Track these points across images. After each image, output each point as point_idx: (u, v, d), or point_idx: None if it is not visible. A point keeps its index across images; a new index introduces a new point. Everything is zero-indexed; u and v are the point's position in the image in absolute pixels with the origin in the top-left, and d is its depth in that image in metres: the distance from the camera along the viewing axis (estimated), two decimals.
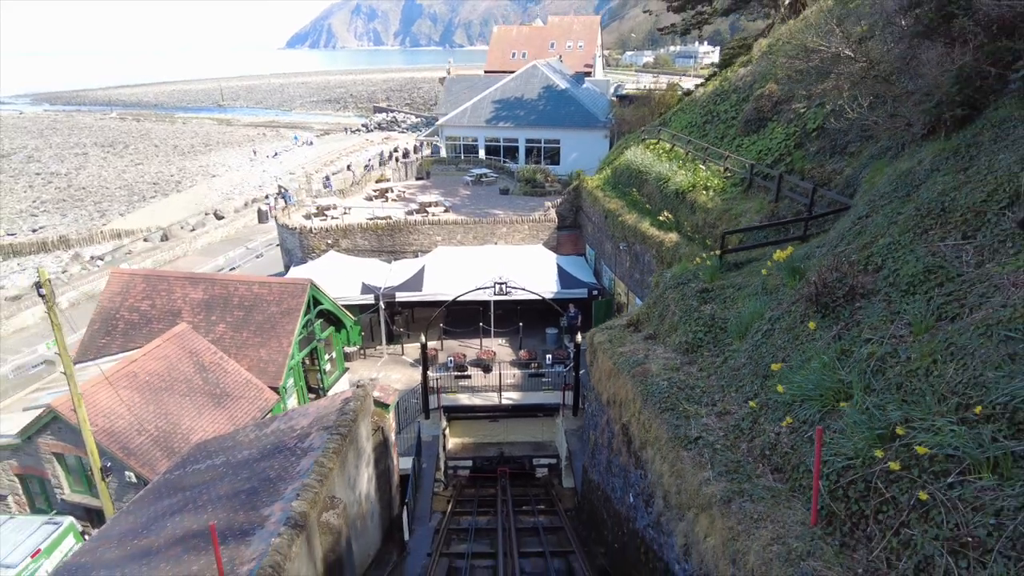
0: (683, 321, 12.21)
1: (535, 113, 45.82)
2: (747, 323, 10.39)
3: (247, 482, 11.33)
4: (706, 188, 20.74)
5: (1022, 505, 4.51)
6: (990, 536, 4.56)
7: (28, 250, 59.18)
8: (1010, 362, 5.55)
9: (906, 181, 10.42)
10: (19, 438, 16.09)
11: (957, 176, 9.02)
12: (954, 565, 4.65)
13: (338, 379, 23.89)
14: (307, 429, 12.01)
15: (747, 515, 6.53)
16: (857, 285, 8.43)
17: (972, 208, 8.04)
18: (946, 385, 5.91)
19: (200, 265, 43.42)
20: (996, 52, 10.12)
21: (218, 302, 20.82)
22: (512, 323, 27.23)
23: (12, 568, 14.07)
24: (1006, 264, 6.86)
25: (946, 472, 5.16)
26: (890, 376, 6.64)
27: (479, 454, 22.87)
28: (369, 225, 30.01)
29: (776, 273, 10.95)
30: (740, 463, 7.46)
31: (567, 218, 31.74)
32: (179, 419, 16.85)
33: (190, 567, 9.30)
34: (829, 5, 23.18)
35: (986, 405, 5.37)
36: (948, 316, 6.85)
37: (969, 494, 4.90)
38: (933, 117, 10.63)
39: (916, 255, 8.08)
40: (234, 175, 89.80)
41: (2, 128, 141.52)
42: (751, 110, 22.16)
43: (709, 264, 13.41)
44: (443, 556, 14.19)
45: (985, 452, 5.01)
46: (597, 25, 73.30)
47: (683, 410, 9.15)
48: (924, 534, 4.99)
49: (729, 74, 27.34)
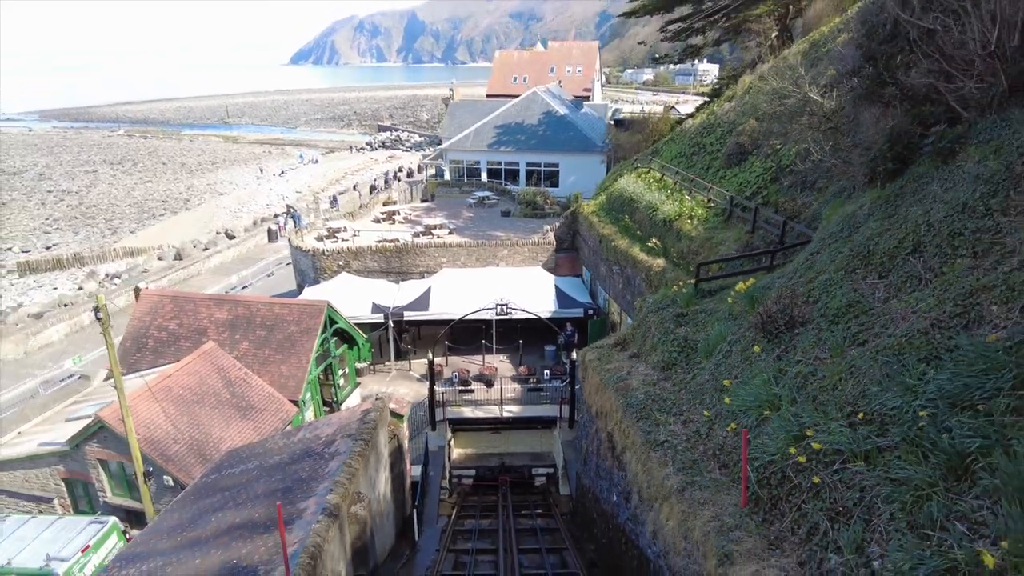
0: (661, 342, 13.98)
1: (535, 138, 47.87)
2: (713, 345, 12.16)
3: (281, 482, 13.06)
4: (691, 217, 22.57)
5: (876, 483, 6.26)
6: (855, 506, 6.31)
7: (44, 267, 60.98)
8: (886, 380, 7.32)
9: (849, 223, 12.22)
10: (68, 446, 17.82)
11: (883, 223, 10.81)
12: (830, 527, 6.40)
13: (350, 393, 25.63)
14: (332, 436, 13.75)
15: (695, 501, 8.27)
16: (797, 315, 10.21)
17: (887, 252, 9.83)
18: (844, 397, 7.68)
19: (214, 284, 45.27)
20: (920, 116, 11.94)
21: (242, 322, 22.63)
22: (513, 340, 28.95)
23: (66, 561, 15.76)
24: (903, 301, 8.63)
25: (833, 462, 6.91)
26: (809, 390, 8.41)
27: (482, 464, 24.49)
28: (378, 247, 31.88)
29: (739, 302, 12.72)
30: (696, 461, 9.20)
31: (565, 241, 33.57)
32: (210, 429, 18.58)
33: (239, 551, 11.02)
34: (804, 48, 25.14)
35: (866, 412, 7.13)
36: (857, 342, 8.62)
37: (846, 477, 6.65)
38: (871, 169, 12.43)
39: (843, 290, 9.87)
40: (241, 193, 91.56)
41: (13, 145, 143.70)
42: (733, 144, 24.04)
43: (685, 292, 15.19)
44: (450, 552, 15.89)
45: (860, 447, 6.77)
46: (595, 50, 75.74)
47: (655, 419, 10.90)
48: (814, 508, 6.74)
49: (716, 108, 29.28)
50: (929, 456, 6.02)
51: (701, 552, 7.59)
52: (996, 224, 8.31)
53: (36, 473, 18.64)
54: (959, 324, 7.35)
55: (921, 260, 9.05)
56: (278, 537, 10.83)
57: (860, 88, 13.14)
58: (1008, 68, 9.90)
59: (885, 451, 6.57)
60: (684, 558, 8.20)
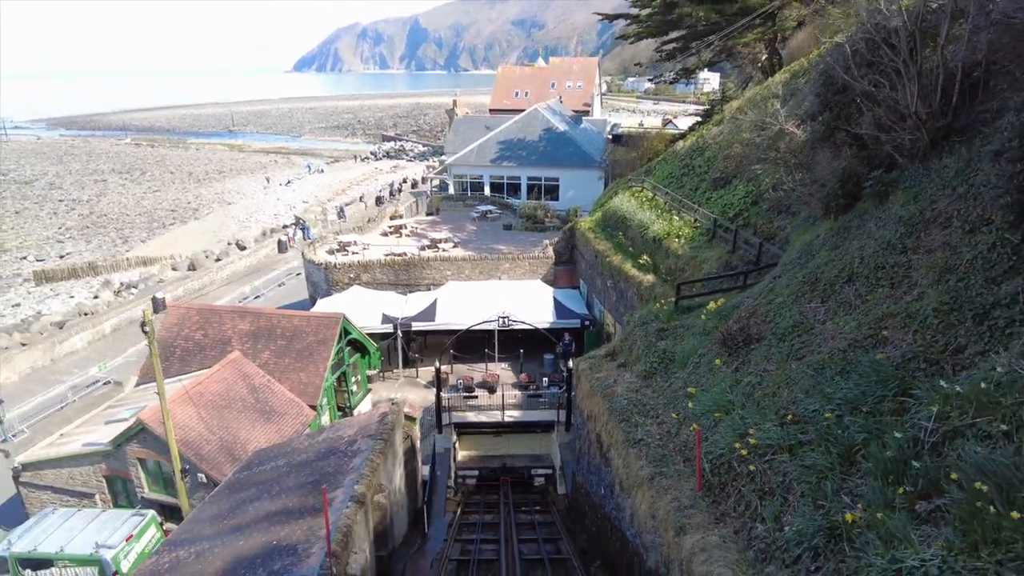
0: (644, 353, 15.82)
1: (536, 153, 49.82)
2: (687, 357, 13.99)
3: (310, 476, 14.89)
4: (678, 236, 24.41)
5: (794, 469, 8.09)
6: (778, 487, 8.14)
7: (59, 276, 62.73)
8: (812, 389, 9.16)
9: (807, 251, 14.06)
10: (110, 446, 19.65)
11: (830, 253, 12.64)
12: (759, 504, 8.23)
13: (362, 399, 27.45)
14: (354, 437, 15.58)
15: (662, 487, 10.09)
16: (754, 333, 12.05)
17: (830, 280, 11.66)
18: (779, 403, 9.52)
19: (228, 294, 47.15)
20: (867, 159, 13.77)
21: (263, 332, 24.47)
22: (514, 349, 30.75)
23: (112, 549, 17.58)
24: (835, 323, 10.46)
25: (765, 454, 8.74)
26: (755, 397, 10.25)
27: (484, 465, 26.26)
28: (387, 261, 33.77)
29: (711, 319, 14.55)
30: (665, 455, 11.02)
31: (563, 254, 35.41)
32: (238, 431, 20.41)
33: (278, 534, 12.83)
34: (786, 78, 27.02)
35: (794, 415, 8.97)
36: (797, 357, 10.45)
37: (774, 465, 8.48)
38: (825, 203, 14.27)
39: (791, 312, 11.71)
40: (249, 202, 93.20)
41: (23, 154, 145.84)
42: (718, 168, 25.91)
43: (666, 309, 17.02)
44: (457, 541, 17.70)
45: (786, 442, 8.60)
46: (595, 66, 77.89)
47: (635, 421, 12.73)
48: (749, 489, 8.57)
49: (705, 131, 31.15)
50: (831, 447, 7.86)
51: (663, 527, 9.41)
52: (908, 260, 10.14)
53: (80, 471, 20.46)
54: (869, 344, 9.19)
55: (853, 288, 10.89)
56: (312, 522, 12.67)
57: (818, 132, 15.00)
58: (929, 125, 11.73)
59: (803, 445, 8.41)
60: (652, 534, 10.03)
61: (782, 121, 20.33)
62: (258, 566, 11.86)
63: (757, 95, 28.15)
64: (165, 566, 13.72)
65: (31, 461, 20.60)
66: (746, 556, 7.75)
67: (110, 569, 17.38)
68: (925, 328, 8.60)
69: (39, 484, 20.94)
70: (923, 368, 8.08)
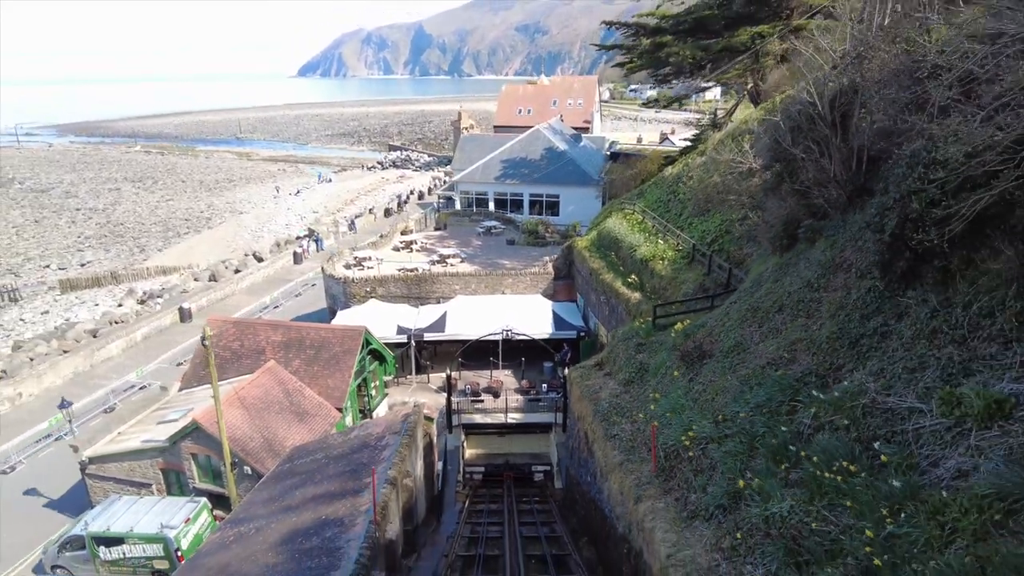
0: (625, 364, 18.90)
1: (538, 172, 53.03)
2: (657, 368, 17.06)
3: (347, 467, 17.98)
4: (662, 259, 27.49)
5: (720, 455, 11.15)
6: (708, 468, 11.21)
7: (83, 284, 65.70)
8: (738, 396, 12.23)
9: (757, 281, 17.13)
10: (168, 442, 22.76)
11: (771, 286, 15.71)
12: (694, 480, 11.30)
13: (380, 402, 30.56)
14: (382, 434, 18.68)
15: (628, 470, 13.16)
16: (706, 350, 15.12)
17: (766, 309, 14.72)
18: (715, 406, 12.59)
19: (248, 304, 50.25)
20: (807, 206, 16.84)
21: (294, 343, 27.60)
22: (516, 358, 33.82)
23: (174, 529, 20.69)
24: (764, 345, 13.52)
25: (702, 444, 11.81)
26: (700, 401, 13.33)
27: (490, 462, 29.29)
28: (400, 276, 36.90)
29: (678, 337, 17.62)
30: (633, 447, 14.10)
31: (562, 270, 38.49)
32: (276, 430, 23.50)
33: (325, 511, 15.90)
34: (760, 115, 30.08)
35: (724, 415, 12.05)
36: (732, 371, 13.52)
37: (707, 452, 11.54)
38: (772, 242, 17.33)
39: (735, 334, 14.79)
40: (260, 212, 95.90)
41: (37, 162, 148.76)
42: (699, 197, 28.99)
43: (644, 326, 20.10)
44: (467, 524, 20.76)
45: (716, 435, 11.67)
46: (595, 84, 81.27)
47: (612, 420, 15.81)
48: (688, 470, 11.64)
49: (689, 161, 34.25)
50: (743, 439, 10.94)
51: (627, 499, 12.49)
52: (819, 297, 13.20)
53: (140, 464, 23.56)
54: (782, 362, 12.27)
55: (781, 317, 13.96)
56: (353, 501, 15.76)
57: (769, 182, 18.09)
58: (847, 186, 14.80)
59: (727, 437, 11.48)
60: (620, 506, 13.10)
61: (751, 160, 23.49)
62: (312, 535, 14.95)
63: (736, 130, 31.24)
64: (230, 538, 16.81)
65: (97, 455, 23.74)
66: (681, 515, 10.81)
67: (173, 546, 20.50)
68: (820, 351, 11.67)
69: (103, 475, 24.07)
70: (813, 381, 11.14)
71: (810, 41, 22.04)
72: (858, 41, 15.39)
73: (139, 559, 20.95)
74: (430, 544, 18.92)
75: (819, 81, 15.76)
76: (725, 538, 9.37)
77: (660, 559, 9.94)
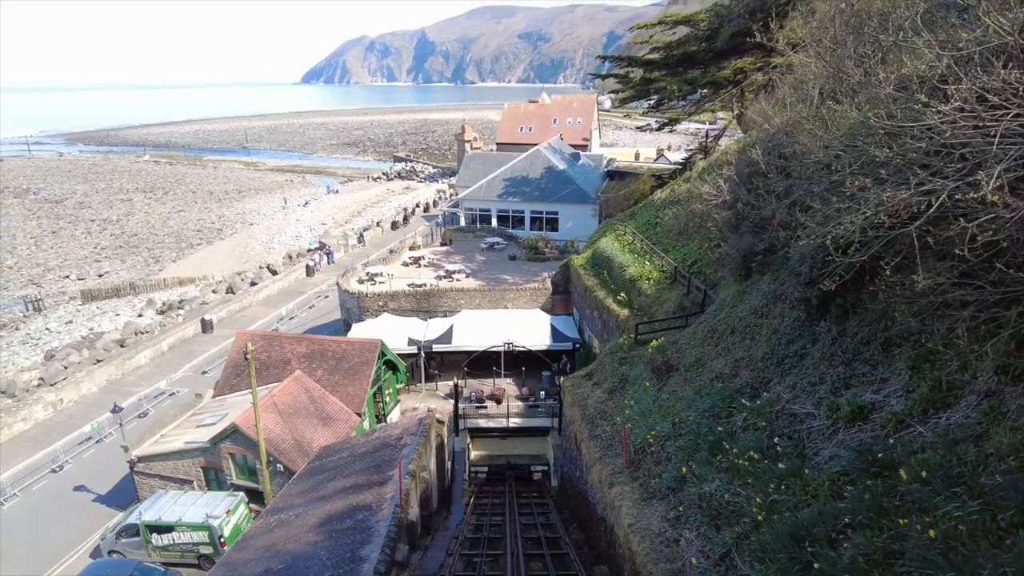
0: (610, 375, 21.94)
1: (538, 190, 56.22)
2: (636, 379, 20.10)
3: (371, 463, 21.03)
4: (648, 278, 30.52)
5: (674, 450, 14.19)
6: (665, 459, 14.25)
7: (104, 295, 68.67)
8: (692, 403, 15.27)
9: (721, 305, 20.19)
10: (210, 443, 25.83)
11: (729, 311, 18.74)
12: (654, 468, 14.34)
13: (393, 408, 33.61)
14: (400, 435, 21.74)
15: (605, 463, 16.20)
16: (673, 364, 18.17)
17: (721, 331, 17.76)
18: (674, 411, 15.63)
19: (265, 315, 53.37)
20: (762, 241, 19.88)
21: (317, 354, 30.68)
22: (517, 367, 36.87)
23: (216, 519, 23.74)
24: (718, 361, 16.54)
25: (662, 441, 14.84)
26: (664, 407, 16.37)
27: (493, 463, 32.28)
28: (410, 291, 40.00)
29: (654, 352, 20.67)
30: (610, 444, 17.12)
31: (559, 285, 41.55)
32: (303, 432, 26.55)
33: (354, 500, 18.94)
34: (739, 147, 33.14)
35: (680, 419, 15.09)
36: (690, 383, 16.56)
37: (666, 448, 14.58)
38: (733, 271, 20.37)
39: (696, 351, 17.83)
40: (269, 223, 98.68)
41: (49, 172, 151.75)
42: (682, 222, 32.04)
43: (627, 342, 23.14)
44: (473, 513, 23.80)
45: (673, 434, 14.71)
46: (593, 103, 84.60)
47: (596, 423, 18.85)
48: (651, 461, 14.68)
49: (676, 187, 37.35)
50: (691, 437, 13.97)
51: (604, 486, 15.52)
52: (761, 323, 16.24)
53: (183, 463, 26.62)
54: (727, 376, 15.31)
55: (733, 338, 17.00)
56: (378, 491, 18.79)
57: (730, 219, 21.15)
58: (788, 227, 17.84)
59: (680, 436, 14.52)
60: (598, 492, 16.15)
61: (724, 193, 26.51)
62: (345, 518, 18.00)
63: (717, 160, 34.32)
64: (273, 523, 19.87)
65: (145, 455, 26.81)
66: (643, 496, 13.84)
67: (216, 533, 23.56)
68: (755, 368, 14.72)
69: (149, 472, 27.14)
70: (747, 392, 14.17)
71: (785, 77, 25.20)
72: (790, 116, 18.45)
73: (187, 545, 24.02)
74: (442, 529, 21.97)
75: (764, 139, 18.82)
76: (671, 511, 12.40)
77: (624, 528, 12.98)
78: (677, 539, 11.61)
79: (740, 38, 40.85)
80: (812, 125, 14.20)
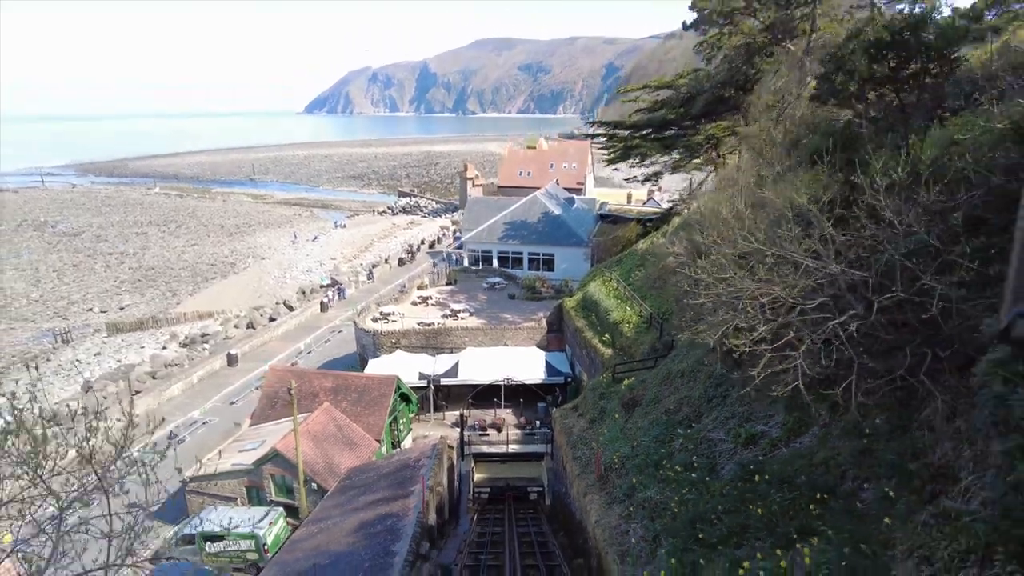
0: (591, 408, 26.62)
1: (535, 233, 61.32)
2: (610, 411, 24.77)
3: (395, 480, 25.60)
4: (628, 322, 35.27)
5: (633, 464, 18.84)
6: (625, 475, 18.90)
7: (128, 328, 72.78)
8: (648, 430, 19.97)
9: (679, 352, 24.92)
10: (254, 465, 30.39)
11: (684, 357, 23.45)
12: (618, 481, 18.99)
13: (406, 435, 38.17)
14: (418, 457, 26.33)
15: (583, 478, 20.82)
16: (638, 400, 22.86)
17: (676, 374, 22.47)
18: (635, 437, 20.32)
19: (284, 349, 57.88)
20: None
21: (341, 388, 35.34)
22: (516, 399, 41.47)
23: (261, 529, 28.21)
24: (670, 397, 21.23)
25: (623, 460, 19.49)
26: (628, 434, 21.06)
27: (494, 484, 36.63)
28: (420, 330, 44.76)
29: (625, 390, 25.35)
30: (587, 463, 21.74)
31: (554, 324, 46.30)
32: (332, 456, 31.11)
33: (382, 510, 23.48)
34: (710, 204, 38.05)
35: (637, 442, 19.76)
36: (648, 416, 21.25)
37: (625, 464, 19.24)
38: (687, 324, 25.07)
39: (656, 391, 22.55)
40: (280, 258, 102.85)
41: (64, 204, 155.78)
42: (657, 274, 36.88)
43: (606, 380, 27.83)
44: (478, 524, 28.31)
45: (631, 455, 19.37)
46: (587, 149, 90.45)
47: (578, 447, 23.49)
48: (616, 475, 19.33)
49: (655, 239, 42.29)
50: (643, 457, 18.62)
51: (581, 496, 20.13)
52: (702, 369, 20.91)
53: (229, 482, 31.13)
54: (674, 410, 20.01)
55: (682, 380, 21.74)
56: (402, 503, 23.37)
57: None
58: None
59: (636, 456, 19.17)
60: (577, 501, 20.77)
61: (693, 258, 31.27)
62: (376, 524, 22.56)
63: (689, 218, 39.28)
64: (315, 531, 24.40)
65: (196, 476, 31.33)
66: (607, 501, 18.44)
67: (261, 541, 28.02)
68: (694, 404, 19.42)
69: (199, 491, 31.63)
70: (685, 423, 18.86)
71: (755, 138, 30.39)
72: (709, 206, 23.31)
73: (235, 551, 28.47)
74: (452, 536, 26.49)
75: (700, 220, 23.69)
76: (625, 511, 17.03)
77: (592, 525, 17.60)
78: (627, 530, 16.25)
79: (714, 104, 46.17)
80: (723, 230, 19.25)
